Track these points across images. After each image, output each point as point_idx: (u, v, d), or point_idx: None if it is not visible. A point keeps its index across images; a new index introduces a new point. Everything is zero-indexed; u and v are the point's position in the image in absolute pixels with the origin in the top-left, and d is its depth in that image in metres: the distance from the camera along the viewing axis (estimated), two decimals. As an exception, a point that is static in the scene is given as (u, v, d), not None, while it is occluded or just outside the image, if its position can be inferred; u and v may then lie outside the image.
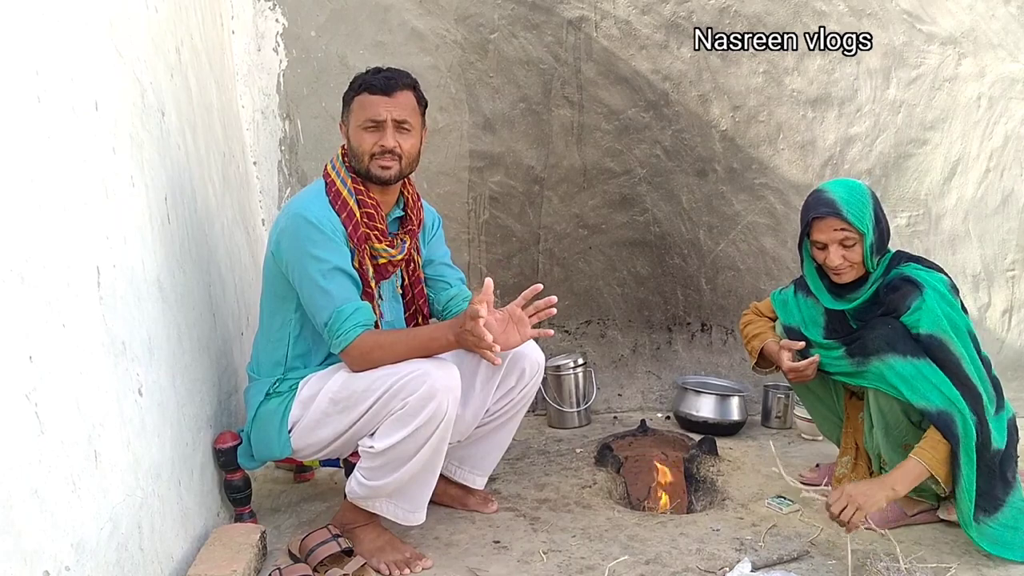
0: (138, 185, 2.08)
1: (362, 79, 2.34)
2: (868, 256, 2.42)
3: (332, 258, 2.26)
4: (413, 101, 2.35)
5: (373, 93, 2.30)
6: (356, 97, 2.33)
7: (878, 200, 2.48)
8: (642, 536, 2.51)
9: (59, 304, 1.61)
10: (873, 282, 2.48)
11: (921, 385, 2.27)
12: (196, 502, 2.34)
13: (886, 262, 2.49)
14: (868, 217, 2.40)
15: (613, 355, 3.85)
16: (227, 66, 3.32)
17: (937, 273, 2.44)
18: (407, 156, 2.35)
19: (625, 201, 3.68)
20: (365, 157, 2.32)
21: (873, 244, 2.42)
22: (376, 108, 2.29)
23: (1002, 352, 3.67)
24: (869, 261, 2.43)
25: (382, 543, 2.36)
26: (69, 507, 1.58)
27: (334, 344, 2.25)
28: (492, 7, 3.49)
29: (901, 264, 2.47)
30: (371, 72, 2.35)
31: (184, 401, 2.30)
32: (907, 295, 2.38)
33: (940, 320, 2.32)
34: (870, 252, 2.42)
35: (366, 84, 2.32)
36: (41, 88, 1.62)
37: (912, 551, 2.36)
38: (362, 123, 2.31)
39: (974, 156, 3.59)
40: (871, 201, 2.44)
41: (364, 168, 2.33)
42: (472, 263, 3.70)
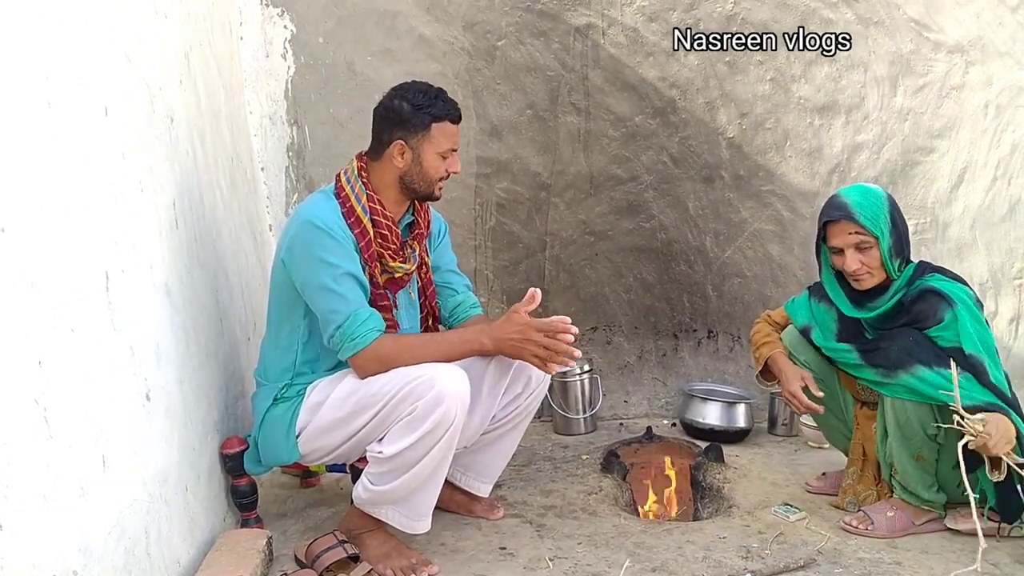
0: (146, 190, 2.09)
1: (438, 107, 2.34)
2: (887, 260, 2.41)
3: (344, 264, 2.26)
4: None
5: (455, 122, 2.37)
6: (435, 124, 2.34)
7: (895, 204, 2.47)
8: (648, 543, 2.51)
9: (68, 309, 1.61)
10: (896, 291, 2.46)
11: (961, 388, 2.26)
12: (203, 507, 2.34)
13: (910, 272, 2.47)
14: (883, 220, 2.39)
15: (619, 362, 3.85)
16: (235, 72, 3.33)
17: (963, 287, 2.43)
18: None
19: (632, 208, 3.68)
20: (435, 182, 2.40)
21: (891, 248, 2.41)
22: (455, 138, 2.39)
23: (1009, 360, 3.65)
24: (890, 266, 2.42)
25: (388, 549, 2.36)
26: (76, 511, 1.58)
27: (347, 347, 2.24)
28: (500, 14, 3.49)
29: (926, 275, 2.46)
30: (440, 97, 2.36)
31: (191, 406, 2.30)
32: (936, 308, 2.37)
33: (974, 340, 2.32)
34: (888, 256, 2.41)
35: (448, 113, 2.35)
36: (51, 93, 1.63)
37: (919, 560, 2.35)
38: (444, 151, 2.37)
39: (981, 164, 3.58)
40: (886, 204, 2.42)
41: (429, 191, 2.41)
42: (479, 269, 3.71)
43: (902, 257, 2.46)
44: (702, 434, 3.41)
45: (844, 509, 2.68)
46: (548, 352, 2.28)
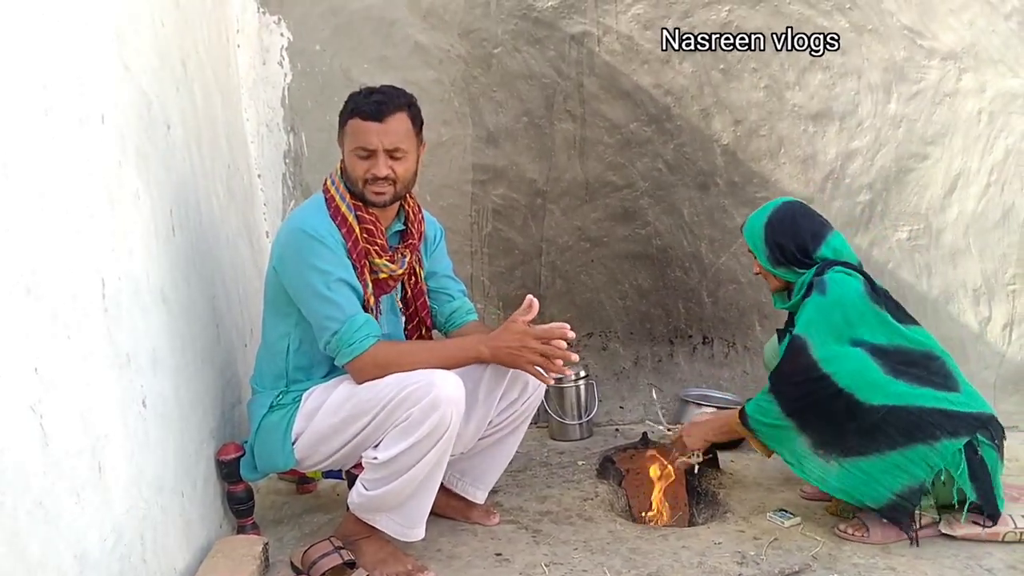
0: (143, 197, 2.10)
1: (354, 102, 2.29)
2: (769, 268, 2.73)
3: (336, 270, 2.26)
4: (407, 124, 2.30)
5: (365, 119, 2.25)
6: (348, 121, 2.29)
7: (776, 222, 2.69)
8: (644, 549, 2.51)
9: (64, 316, 1.62)
10: (801, 286, 2.64)
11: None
12: (199, 514, 2.34)
13: (813, 271, 2.62)
14: (759, 238, 2.71)
15: (615, 367, 3.85)
16: (232, 79, 3.34)
17: (848, 274, 2.56)
18: (401, 180, 2.33)
19: (627, 214, 3.69)
20: (359, 182, 2.31)
21: (768, 258, 2.69)
22: (367, 136, 2.26)
23: (1002, 366, 3.66)
24: (777, 272, 2.71)
25: (384, 555, 2.36)
26: (72, 518, 1.58)
27: (344, 353, 2.25)
28: (495, 22, 3.51)
29: (825, 271, 2.58)
30: (364, 94, 2.29)
31: (187, 413, 2.31)
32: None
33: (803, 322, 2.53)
34: (769, 265, 2.71)
35: (357, 109, 2.27)
36: (49, 101, 1.64)
37: (914, 566, 2.36)
38: (354, 149, 2.29)
39: (975, 171, 3.60)
40: (763, 226, 2.70)
41: (359, 191, 2.33)
42: (475, 275, 3.71)
43: (786, 264, 2.66)
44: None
45: (838, 515, 2.69)
46: (544, 360, 2.28)
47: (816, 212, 2.74)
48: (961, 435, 2.36)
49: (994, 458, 2.41)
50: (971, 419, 2.39)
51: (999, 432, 2.45)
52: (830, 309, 2.48)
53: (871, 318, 2.48)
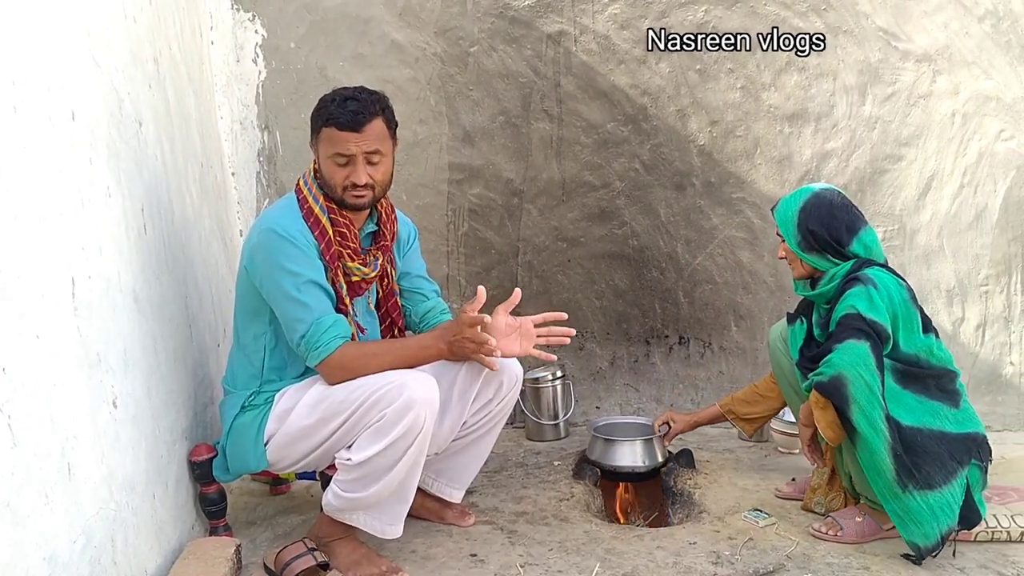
0: (114, 195, 2.07)
1: (329, 111, 2.25)
2: (799, 253, 2.62)
3: (306, 271, 2.25)
4: (382, 128, 2.28)
5: (341, 129, 2.23)
6: (324, 129, 2.26)
7: (813, 208, 2.58)
8: (619, 549, 2.51)
9: (33, 315, 1.60)
10: (832, 278, 2.57)
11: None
12: (170, 515, 2.32)
13: (848, 265, 2.54)
14: (791, 222, 2.61)
15: (591, 368, 3.86)
16: (206, 77, 3.31)
17: (895, 277, 2.49)
18: (380, 183, 2.32)
19: (604, 214, 3.70)
20: (338, 188, 2.29)
21: (799, 243, 2.59)
22: (345, 144, 2.23)
23: (975, 366, 3.70)
24: (807, 259, 2.61)
25: (358, 557, 2.35)
26: (42, 520, 1.56)
27: (312, 356, 2.23)
28: (472, 20, 3.50)
29: (864, 268, 2.51)
30: (338, 102, 2.25)
31: (159, 413, 2.28)
32: (849, 290, 2.46)
33: (851, 303, 2.41)
34: (799, 250, 2.61)
35: (333, 118, 2.23)
36: (17, 98, 1.61)
37: (887, 565, 2.37)
38: (331, 156, 2.27)
39: (948, 172, 3.63)
40: (797, 210, 2.60)
41: (338, 197, 2.31)
42: (451, 275, 3.70)
43: (818, 251, 2.56)
44: (621, 477, 3.12)
45: (812, 510, 2.70)
46: (475, 345, 2.27)
47: (852, 203, 2.62)
48: (965, 464, 2.36)
49: (980, 479, 2.43)
50: (968, 441, 2.40)
51: (987, 453, 2.45)
52: (882, 303, 2.39)
53: (910, 323, 2.45)
